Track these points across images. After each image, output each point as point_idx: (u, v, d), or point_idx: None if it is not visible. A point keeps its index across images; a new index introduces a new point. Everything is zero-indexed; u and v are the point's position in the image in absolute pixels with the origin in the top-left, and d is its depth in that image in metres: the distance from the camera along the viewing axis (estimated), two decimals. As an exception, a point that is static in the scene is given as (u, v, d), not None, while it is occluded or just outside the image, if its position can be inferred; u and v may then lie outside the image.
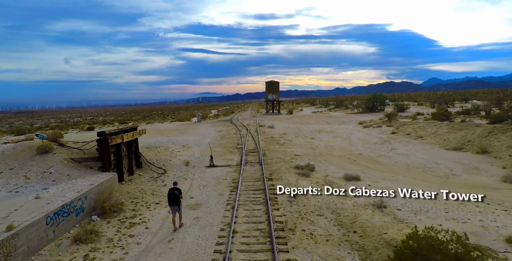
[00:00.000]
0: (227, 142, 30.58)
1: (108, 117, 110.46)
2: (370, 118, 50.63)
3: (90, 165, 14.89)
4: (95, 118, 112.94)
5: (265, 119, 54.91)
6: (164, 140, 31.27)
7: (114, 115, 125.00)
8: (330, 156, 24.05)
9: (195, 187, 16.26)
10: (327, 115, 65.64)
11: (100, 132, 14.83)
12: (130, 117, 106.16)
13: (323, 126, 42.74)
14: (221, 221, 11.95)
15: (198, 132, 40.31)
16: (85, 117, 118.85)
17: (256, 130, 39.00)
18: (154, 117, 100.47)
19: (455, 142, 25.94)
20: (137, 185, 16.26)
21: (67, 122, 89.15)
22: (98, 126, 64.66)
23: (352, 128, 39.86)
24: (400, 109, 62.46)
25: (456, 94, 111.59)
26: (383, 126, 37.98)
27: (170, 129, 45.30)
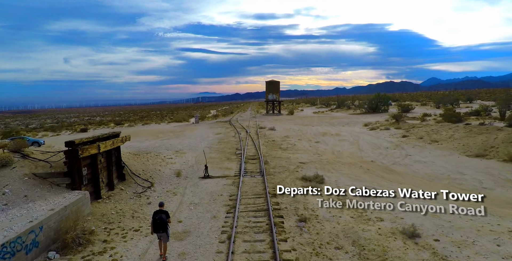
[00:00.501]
0: (225, 146, 27.85)
1: (106, 118, 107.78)
2: (375, 120, 47.97)
3: (56, 182, 12.17)
4: (92, 118, 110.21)
5: (266, 121, 52.19)
6: (157, 144, 28.54)
7: (111, 116, 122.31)
8: (339, 163, 21.35)
9: (185, 206, 13.52)
10: (329, 116, 62.95)
11: (69, 141, 12.09)
12: (128, 117, 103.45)
13: (327, 128, 40.03)
14: (214, 259, 9.23)
15: (195, 134, 37.62)
16: (83, 117, 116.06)
17: (256, 132, 36.28)
18: (152, 117, 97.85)
19: (476, 147, 23.24)
20: (116, 203, 13.53)
21: (63, 123, 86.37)
22: (93, 128, 61.88)
23: (358, 130, 37.15)
24: (404, 110, 59.82)
25: (458, 94, 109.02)
26: (391, 129, 35.27)
27: (166, 131, 42.60)
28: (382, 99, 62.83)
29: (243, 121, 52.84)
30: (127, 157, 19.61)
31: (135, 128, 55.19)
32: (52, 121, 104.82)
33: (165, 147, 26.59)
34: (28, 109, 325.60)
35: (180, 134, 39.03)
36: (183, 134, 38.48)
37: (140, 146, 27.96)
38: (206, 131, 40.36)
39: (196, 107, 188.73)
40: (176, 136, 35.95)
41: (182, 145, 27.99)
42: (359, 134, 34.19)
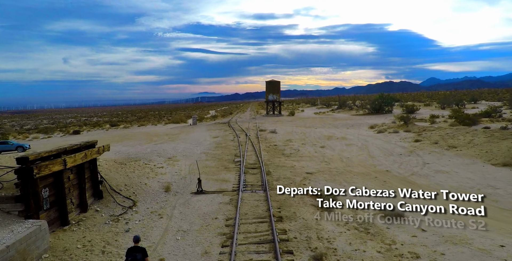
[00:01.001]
0: (223, 152, 25.23)
1: (103, 118, 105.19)
2: (380, 121, 45.44)
3: (6, 209, 9.53)
4: (89, 119, 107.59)
5: (266, 122, 49.56)
6: (150, 149, 25.90)
7: (109, 116, 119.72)
8: (351, 173, 18.74)
9: (171, 235, 10.89)
10: (332, 117, 60.36)
11: (21, 157, 9.43)
12: (125, 118, 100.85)
13: (331, 130, 37.42)
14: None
15: (191, 137, 35.00)
16: (80, 118, 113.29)
17: (257, 136, 33.67)
18: (150, 118, 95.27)
19: (502, 154, 20.64)
20: (86, 231, 10.89)
21: (59, 124, 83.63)
22: (87, 129, 59.16)
23: (365, 133, 34.54)
24: (409, 110, 57.31)
25: (460, 94, 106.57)
26: (400, 132, 32.68)
27: (161, 134, 39.97)
28: (385, 100, 60.23)
29: (242, 123, 50.23)
30: (109, 167, 16.97)
31: (130, 130, 52.56)
32: (49, 122, 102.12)
33: (157, 153, 23.95)
34: (27, 109, 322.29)
35: (176, 137, 36.44)
36: (179, 137, 35.87)
37: (131, 151, 25.32)
38: (203, 134, 37.75)
39: (195, 108, 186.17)
40: (172, 139, 33.34)
41: (176, 151, 25.37)
42: (366, 137, 31.58)
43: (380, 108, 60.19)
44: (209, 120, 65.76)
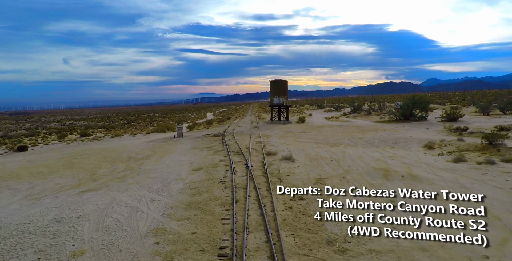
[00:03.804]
0: (195, 227, 11.35)
1: (88, 122, 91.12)
2: (423, 133, 31.90)
3: None
4: (74, 123, 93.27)
5: (273, 135, 35.73)
6: (46, 222, 12.17)
7: (99, 120, 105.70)
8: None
9: None
10: (352, 124, 46.60)
11: None
12: (113, 122, 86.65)
13: (372, 154, 23.57)
14: None
15: (161, 167, 21.31)
16: (65, 122, 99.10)
17: (263, 167, 19.79)
18: (138, 122, 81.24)
19: None
20: None
21: (34, 130, 69.35)
22: (44, 142, 45.20)
23: (434, 163, 20.68)
24: (450, 118, 43.66)
25: (478, 94, 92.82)
26: (497, 161, 18.94)
27: (123, 157, 26.23)
28: (418, 104, 46.53)
29: (241, 135, 36.37)
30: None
31: (96, 144, 38.63)
32: (31, 126, 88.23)
33: (37, 248, 10.16)
34: (26, 110, 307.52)
35: (140, 163, 22.77)
36: (142, 166, 22.16)
37: (10, 225, 11.57)
38: (182, 159, 23.96)
39: (193, 109, 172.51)
40: (124, 175, 19.66)
41: (98, 225, 11.61)
42: (448, 174, 17.79)
43: (411, 114, 46.61)
44: (201, 129, 51.95)
